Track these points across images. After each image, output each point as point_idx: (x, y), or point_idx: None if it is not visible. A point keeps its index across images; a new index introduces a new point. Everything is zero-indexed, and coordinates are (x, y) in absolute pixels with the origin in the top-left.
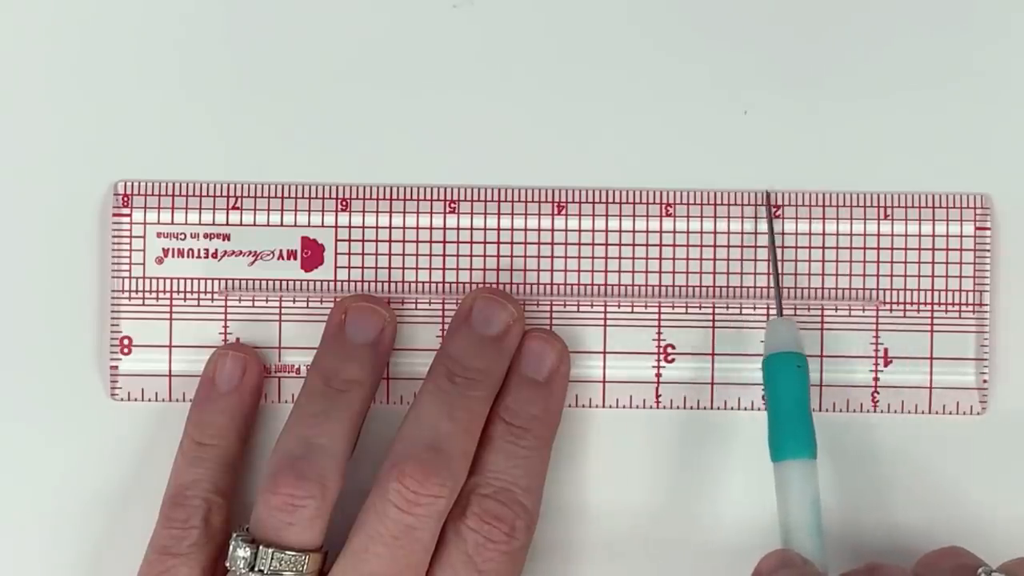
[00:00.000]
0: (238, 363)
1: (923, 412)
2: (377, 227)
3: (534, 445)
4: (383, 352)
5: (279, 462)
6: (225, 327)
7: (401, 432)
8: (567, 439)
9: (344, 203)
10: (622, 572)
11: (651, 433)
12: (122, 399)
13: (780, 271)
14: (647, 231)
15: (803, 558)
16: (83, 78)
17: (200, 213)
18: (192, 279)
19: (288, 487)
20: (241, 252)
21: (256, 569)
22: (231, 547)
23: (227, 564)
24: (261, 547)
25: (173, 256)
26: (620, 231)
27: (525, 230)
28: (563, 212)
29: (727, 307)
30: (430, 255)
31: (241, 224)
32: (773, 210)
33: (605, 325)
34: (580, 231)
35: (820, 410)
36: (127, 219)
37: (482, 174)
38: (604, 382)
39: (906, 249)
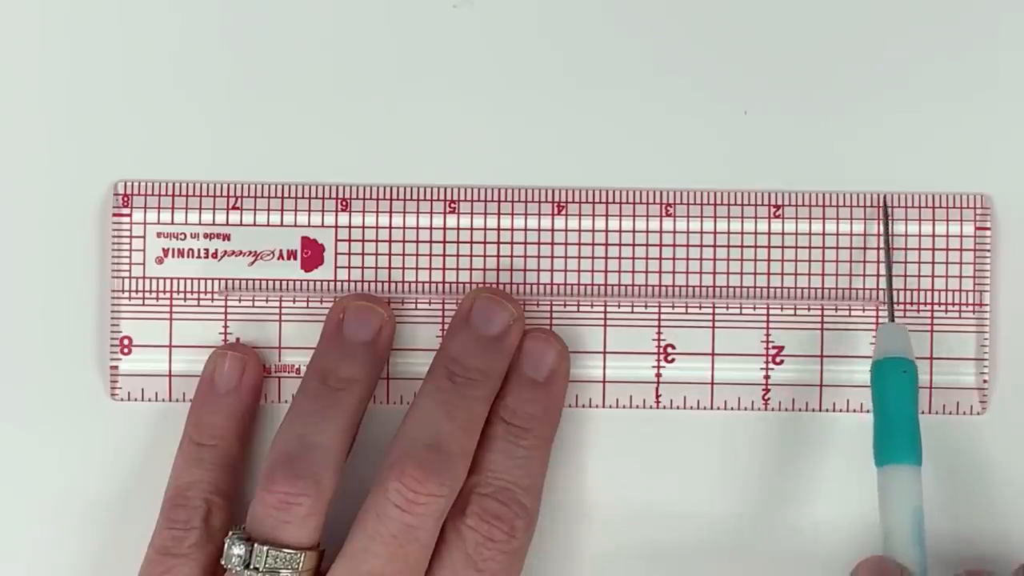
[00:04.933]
0: (237, 363)
1: (923, 412)
2: (377, 227)
3: (534, 445)
4: (381, 351)
5: (274, 460)
6: (225, 327)
7: (401, 432)
8: (567, 439)
9: (344, 203)
10: (622, 572)
11: (651, 433)
12: (122, 399)
13: (892, 275)
14: (647, 231)
15: (901, 566)
16: (83, 78)
17: (200, 213)
18: (192, 279)
19: (283, 485)
20: (241, 252)
21: (252, 567)
22: (226, 545)
23: (222, 562)
24: (256, 545)
25: (173, 256)
26: (620, 231)
27: (525, 230)
28: (563, 212)
29: (727, 307)
30: (430, 255)
31: (241, 224)
32: (773, 210)
33: (605, 325)
34: (580, 231)
35: (820, 410)
36: (127, 219)
37: (482, 174)
38: (604, 382)
39: (906, 249)
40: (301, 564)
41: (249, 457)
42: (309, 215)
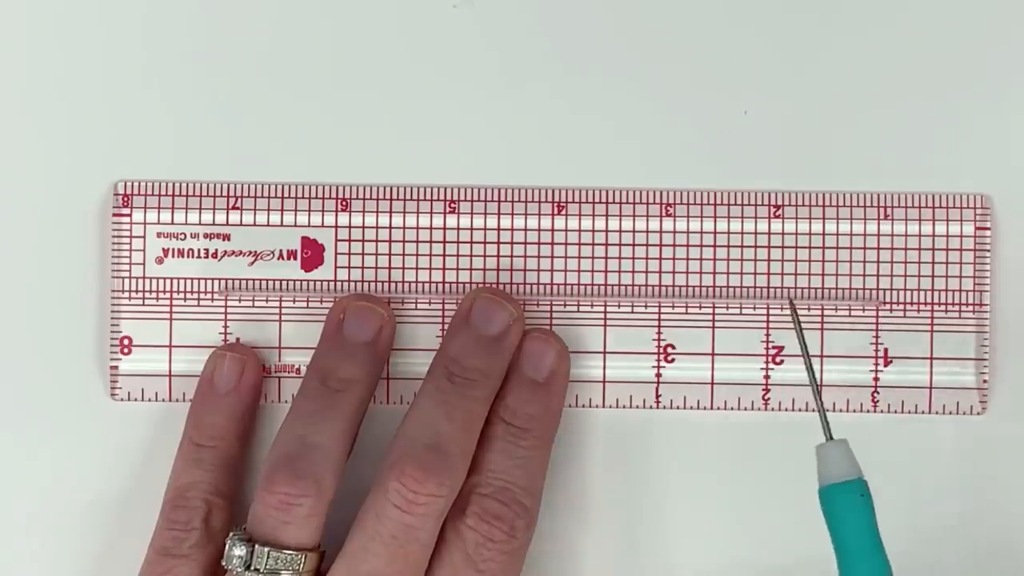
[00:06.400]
0: (236, 363)
1: (923, 412)
2: (377, 227)
3: (534, 445)
4: (381, 351)
5: (275, 461)
6: (225, 327)
7: (400, 432)
8: (567, 439)
9: (344, 203)
10: (621, 572)
11: (651, 433)
12: (122, 399)
13: (819, 387)
14: (647, 231)
15: None
16: (83, 78)
17: (200, 213)
18: (192, 279)
19: (284, 486)
20: (241, 252)
21: (252, 568)
22: (227, 546)
23: (223, 563)
24: (257, 546)
25: (173, 256)
26: (620, 231)
27: (525, 230)
28: (563, 212)
29: (727, 307)
30: (430, 255)
31: (241, 224)
32: (773, 210)
33: (605, 325)
34: (580, 231)
35: None
36: (127, 219)
37: (482, 174)
38: (604, 382)
39: (906, 249)
40: (302, 565)
41: (249, 457)
42: (309, 215)
